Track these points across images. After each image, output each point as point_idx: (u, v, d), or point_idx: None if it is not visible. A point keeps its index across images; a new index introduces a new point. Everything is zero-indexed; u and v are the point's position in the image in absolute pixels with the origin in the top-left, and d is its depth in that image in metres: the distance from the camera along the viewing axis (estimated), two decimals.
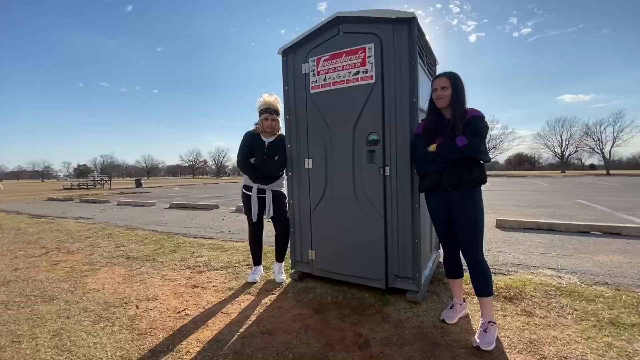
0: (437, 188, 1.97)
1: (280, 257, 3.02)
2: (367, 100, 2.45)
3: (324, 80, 2.62)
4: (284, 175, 2.97)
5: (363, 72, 2.45)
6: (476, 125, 1.85)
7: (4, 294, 2.81)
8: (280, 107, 2.92)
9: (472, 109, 1.94)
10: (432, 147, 1.96)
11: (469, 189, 1.92)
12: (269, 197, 2.88)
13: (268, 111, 2.84)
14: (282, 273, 3.00)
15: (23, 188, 31.38)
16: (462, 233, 1.95)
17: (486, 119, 1.92)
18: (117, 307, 2.50)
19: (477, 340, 1.82)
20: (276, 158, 2.84)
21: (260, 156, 2.84)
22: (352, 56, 2.49)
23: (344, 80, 2.54)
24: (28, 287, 2.98)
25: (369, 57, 2.42)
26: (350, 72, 2.51)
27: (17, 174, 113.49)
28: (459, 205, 1.94)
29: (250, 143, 2.88)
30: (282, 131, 2.97)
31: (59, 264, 3.71)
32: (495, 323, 1.90)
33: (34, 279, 3.21)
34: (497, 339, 1.88)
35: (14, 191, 24.12)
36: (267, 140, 2.90)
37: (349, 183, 2.57)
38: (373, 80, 2.42)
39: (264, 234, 3.11)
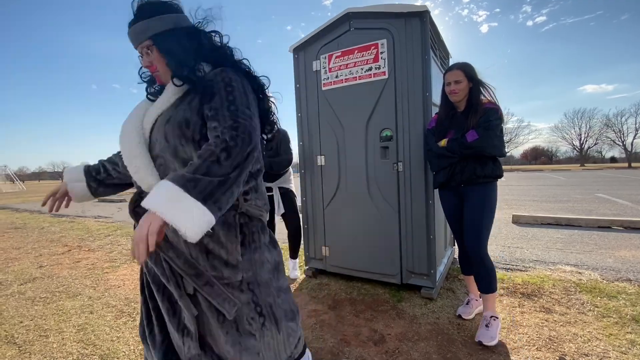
0: (450, 183, 1.95)
1: (293, 254, 3.05)
2: (380, 96, 2.44)
3: (336, 77, 2.62)
4: (290, 171, 2.98)
5: (376, 68, 2.44)
6: (488, 118, 1.81)
7: (30, 290, 2.93)
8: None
9: (487, 100, 1.91)
10: (443, 142, 1.93)
11: (482, 185, 1.88)
12: (277, 195, 2.89)
13: None
14: (296, 269, 3.03)
15: (44, 188, 32.47)
16: (466, 223, 1.91)
17: (501, 111, 1.87)
18: (137, 302, 2.57)
19: (479, 336, 1.80)
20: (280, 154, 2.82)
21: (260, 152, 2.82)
22: (365, 52, 2.47)
23: (356, 77, 2.53)
24: (53, 283, 3.10)
25: (381, 52, 2.41)
26: (362, 69, 2.50)
27: (39, 175, 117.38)
28: (470, 201, 1.91)
29: None
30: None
31: (81, 262, 3.83)
32: (497, 317, 1.88)
33: (58, 275, 3.33)
34: (515, 335, 1.86)
35: (36, 191, 24.99)
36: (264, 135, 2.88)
37: (363, 179, 2.57)
38: (386, 76, 2.40)
39: (275, 233, 3.14)
